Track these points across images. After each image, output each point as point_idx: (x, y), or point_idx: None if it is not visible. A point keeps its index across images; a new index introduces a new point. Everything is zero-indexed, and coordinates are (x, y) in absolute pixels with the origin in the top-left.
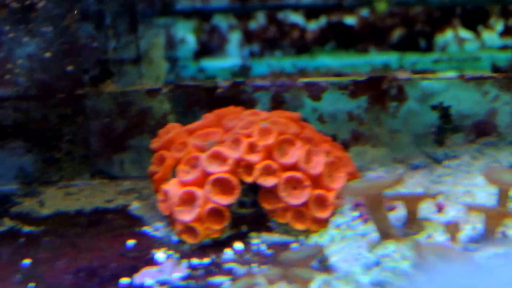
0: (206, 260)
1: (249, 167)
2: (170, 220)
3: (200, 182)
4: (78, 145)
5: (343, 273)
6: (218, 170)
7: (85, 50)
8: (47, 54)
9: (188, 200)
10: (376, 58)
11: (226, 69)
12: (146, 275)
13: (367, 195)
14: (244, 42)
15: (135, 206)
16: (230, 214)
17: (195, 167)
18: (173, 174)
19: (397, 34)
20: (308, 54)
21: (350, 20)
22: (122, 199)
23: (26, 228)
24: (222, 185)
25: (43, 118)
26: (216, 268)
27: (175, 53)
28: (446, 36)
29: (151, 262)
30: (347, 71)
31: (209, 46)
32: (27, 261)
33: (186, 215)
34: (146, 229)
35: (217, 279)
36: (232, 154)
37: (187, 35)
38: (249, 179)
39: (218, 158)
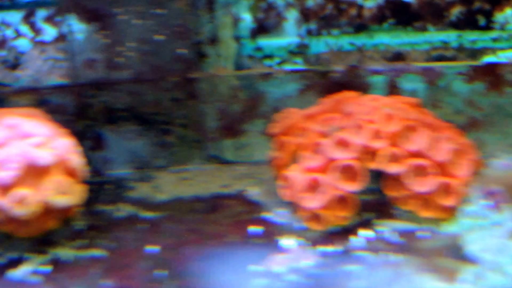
0: (333, 248)
1: (373, 154)
2: (292, 206)
3: (323, 168)
4: (190, 129)
5: (488, 264)
6: (342, 156)
7: (191, 32)
8: (160, 37)
9: (313, 186)
10: (435, 36)
11: (284, 48)
12: (274, 262)
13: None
14: (301, 20)
15: (253, 192)
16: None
17: (318, 153)
18: (294, 160)
19: (455, 11)
20: (366, 32)
21: None
22: (238, 184)
23: (145, 214)
24: (347, 172)
25: (156, 102)
26: (345, 256)
27: (237, 32)
28: (506, 13)
29: (277, 249)
30: (406, 50)
31: (266, 25)
32: (151, 248)
33: (312, 202)
34: (267, 215)
35: (348, 267)
36: (356, 140)
37: (244, 13)
38: (373, 166)
39: (342, 144)
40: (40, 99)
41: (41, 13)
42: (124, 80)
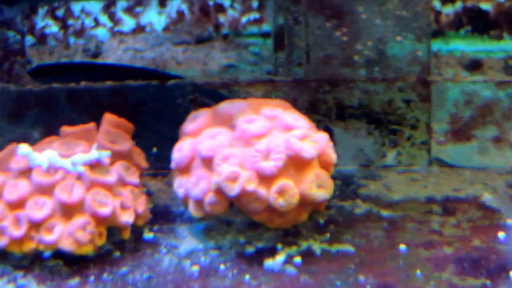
0: None
1: None
2: None
3: None
4: (419, 131)
5: None
6: None
7: (428, 35)
8: (398, 38)
9: None
10: (510, 45)
11: None
12: None
13: None
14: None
15: (488, 198)
16: None
17: None
18: None
19: None
20: (442, 38)
21: (485, 6)
22: (470, 189)
23: (384, 212)
24: None
25: (388, 102)
26: None
27: None
28: None
29: None
30: (481, 57)
31: None
32: (402, 247)
33: None
34: (510, 222)
35: None
36: None
37: None
38: None
39: None
40: (274, 91)
41: (121, 4)
42: (359, 78)
